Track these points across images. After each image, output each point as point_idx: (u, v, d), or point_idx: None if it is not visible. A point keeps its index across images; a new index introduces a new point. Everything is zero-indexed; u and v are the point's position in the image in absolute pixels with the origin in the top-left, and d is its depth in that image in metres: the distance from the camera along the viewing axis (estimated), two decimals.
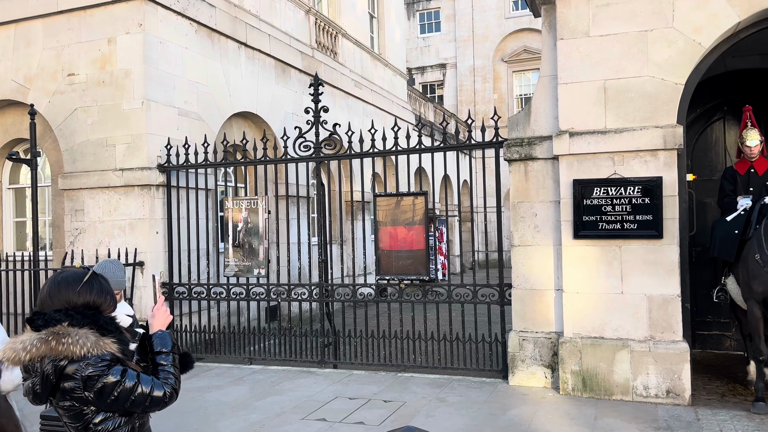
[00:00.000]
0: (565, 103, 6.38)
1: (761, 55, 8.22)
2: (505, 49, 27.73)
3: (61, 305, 2.21)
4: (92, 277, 2.30)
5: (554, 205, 6.49)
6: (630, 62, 6.16)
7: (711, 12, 5.94)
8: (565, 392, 6.29)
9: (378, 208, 7.62)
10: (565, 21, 6.42)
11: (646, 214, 6.05)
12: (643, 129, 6.08)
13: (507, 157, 6.70)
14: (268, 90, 11.39)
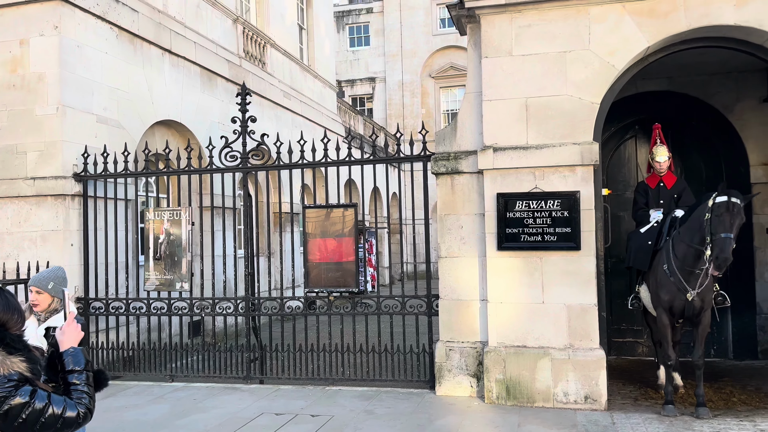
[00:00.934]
0: (490, 119, 6.59)
1: (668, 78, 8.82)
2: (432, 65, 28.35)
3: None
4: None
5: (479, 218, 6.67)
6: (550, 81, 6.45)
7: (623, 36, 6.31)
8: (490, 401, 6.44)
9: (307, 220, 7.56)
10: (489, 40, 6.65)
11: (565, 226, 6.32)
12: (562, 145, 6.36)
13: (434, 170, 6.83)
14: (193, 98, 11.11)
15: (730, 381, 7.30)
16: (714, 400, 6.42)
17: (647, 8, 6.23)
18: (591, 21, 6.37)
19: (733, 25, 6.03)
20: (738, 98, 8.69)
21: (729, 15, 6.00)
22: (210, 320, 9.55)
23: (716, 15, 6.05)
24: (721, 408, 6.20)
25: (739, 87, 8.64)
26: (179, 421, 6.21)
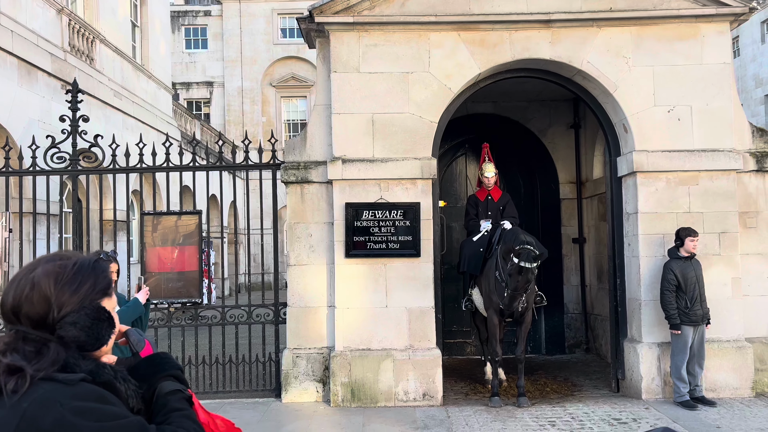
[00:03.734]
0: (339, 132, 6.83)
1: (493, 102, 9.78)
2: (273, 74, 28.17)
3: None
4: None
5: (328, 227, 6.86)
6: (394, 99, 6.86)
7: (458, 62, 6.93)
8: (336, 404, 6.62)
9: (146, 227, 7.19)
10: (338, 55, 6.90)
11: (407, 235, 6.75)
12: (404, 160, 6.80)
13: (284, 179, 6.90)
14: (8, 92, 9.97)
15: (544, 374, 8.26)
16: (531, 390, 7.23)
17: (479, 38, 6.92)
18: (431, 46, 6.91)
19: (548, 59, 6.91)
20: (550, 124, 9.91)
21: (545, 50, 6.88)
22: None
23: (535, 49, 6.90)
24: (537, 397, 7.00)
25: (552, 114, 9.86)
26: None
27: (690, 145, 6.81)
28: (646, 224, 6.77)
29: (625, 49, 6.87)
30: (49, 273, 1.35)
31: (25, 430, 1.20)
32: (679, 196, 6.79)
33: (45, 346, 1.29)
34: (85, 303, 1.36)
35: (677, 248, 6.48)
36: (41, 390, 1.23)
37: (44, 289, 1.33)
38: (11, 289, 1.36)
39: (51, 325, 1.32)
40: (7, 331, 1.35)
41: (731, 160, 6.79)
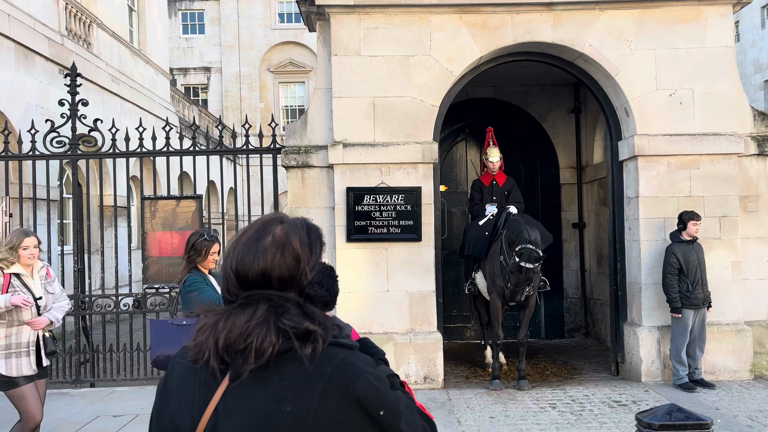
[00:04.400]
0: (339, 116, 6.80)
1: (494, 86, 9.74)
2: (271, 59, 28.00)
3: None
4: None
5: (329, 211, 6.86)
6: (395, 83, 6.82)
7: (459, 45, 6.89)
8: None
9: (146, 212, 7.18)
10: (338, 39, 6.85)
11: (408, 219, 6.74)
12: (406, 144, 6.78)
13: (285, 163, 6.88)
14: (6, 77, 9.91)
15: (544, 357, 8.31)
16: (531, 374, 7.27)
17: (480, 21, 6.87)
18: (432, 29, 6.86)
19: (550, 42, 6.87)
20: (551, 108, 9.88)
21: (547, 33, 6.84)
22: None
23: (537, 32, 6.85)
24: (537, 380, 7.05)
25: (552, 98, 9.83)
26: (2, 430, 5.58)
27: (692, 129, 6.79)
28: (647, 208, 6.78)
29: (627, 32, 6.83)
30: (293, 234, 1.32)
31: (334, 393, 1.20)
32: (680, 180, 6.79)
33: (304, 308, 1.29)
34: (318, 263, 1.37)
35: (679, 232, 6.49)
36: (341, 355, 1.24)
37: (296, 251, 1.30)
38: (251, 253, 1.30)
39: (299, 286, 1.31)
40: (241, 295, 1.31)
41: (733, 143, 6.79)
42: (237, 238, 1.36)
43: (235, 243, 1.35)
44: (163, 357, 3.88)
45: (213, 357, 1.24)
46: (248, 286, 1.29)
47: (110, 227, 10.52)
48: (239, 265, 1.30)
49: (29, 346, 4.35)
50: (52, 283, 4.61)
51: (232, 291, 1.31)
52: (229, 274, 1.31)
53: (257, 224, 1.36)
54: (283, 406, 1.20)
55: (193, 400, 1.28)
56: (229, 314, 1.26)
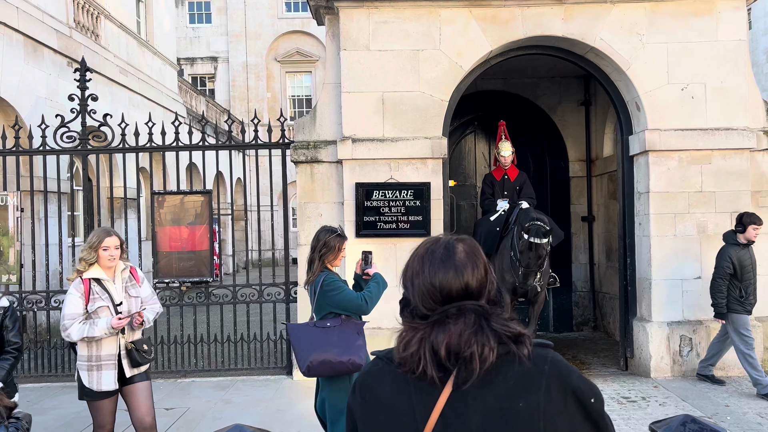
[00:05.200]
0: (348, 111, 6.78)
1: (503, 79, 9.68)
2: (278, 48, 27.91)
3: None
4: None
5: (338, 206, 6.86)
6: (404, 77, 6.79)
7: (469, 39, 6.84)
8: None
9: (157, 207, 7.21)
10: (348, 33, 6.82)
11: (417, 215, 6.74)
12: (415, 139, 6.75)
13: (294, 158, 6.88)
14: (15, 70, 9.92)
15: None
16: None
17: (491, 15, 6.81)
18: (441, 23, 6.81)
19: (561, 36, 6.81)
20: (560, 101, 9.81)
21: (558, 27, 6.78)
22: (43, 315, 8.72)
23: (548, 26, 6.79)
24: None
25: (562, 91, 9.76)
26: None
27: (703, 124, 6.74)
28: (658, 203, 6.74)
29: (639, 26, 6.76)
30: (477, 249, 1.48)
31: (554, 386, 1.34)
32: (691, 175, 6.75)
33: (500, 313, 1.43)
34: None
35: (735, 233, 6.16)
36: (549, 354, 1.39)
37: (484, 263, 1.46)
38: (451, 270, 1.41)
39: (489, 294, 1.44)
40: (439, 309, 1.39)
41: (745, 138, 6.73)
42: (422, 256, 1.46)
43: (423, 261, 1.45)
44: (317, 362, 3.64)
45: (431, 366, 1.33)
46: (450, 299, 1.40)
47: (119, 219, 10.57)
48: (442, 281, 1.40)
49: (111, 359, 4.02)
50: (137, 286, 4.17)
51: (429, 305, 1.40)
52: (430, 290, 1.40)
53: (437, 244, 1.47)
54: (516, 403, 1.32)
55: (412, 408, 1.35)
56: (440, 325, 1.35)
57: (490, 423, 1.32)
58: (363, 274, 4.08)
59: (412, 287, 1.43)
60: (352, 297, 3.81)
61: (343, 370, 3.65)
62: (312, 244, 3.96)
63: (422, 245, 1.49)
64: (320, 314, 3.85)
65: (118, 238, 4.05)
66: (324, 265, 3.89)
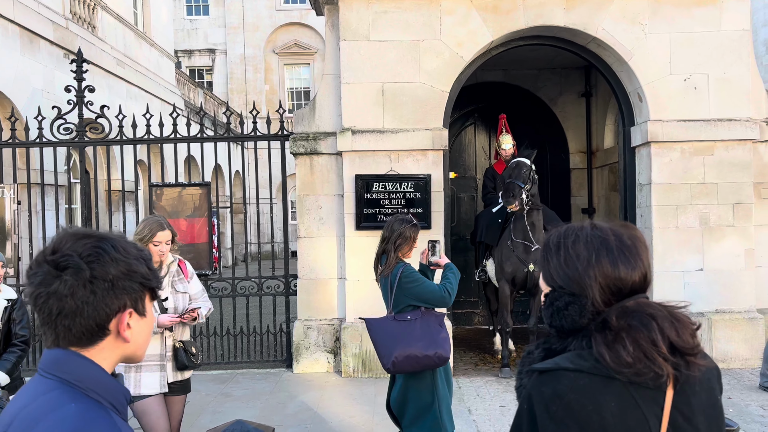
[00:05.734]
0: (348, 102, 6.72)
1: (503, 70, 9.61)
2: (276, 40, 27.76)
3: None
4: None
5: (338, 199, 6.81)
6: (405, 68, 6.73)
7: (471, 29, 6.77)
8: (347, 375, 6.67)
9: (155, 199, 7.15)
10: (347, 23, 6.74)
11: (417, 207, 6.69)
12: (415, 131, 6.70)
13: (293, 150, 6.82)
14: (11, 62, 9.84)
15: None
16: None
17: (492, 5, 6.74)
18: (442, 12, 6.74)
19: (562, 26, 6.75)
20: (561, 92, 9.74)
21: (560, 17, 6.71)
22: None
23: (549, 16, 6.72)
24: None
25: (562, 82, 9.69)
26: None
27: (706, 115, 6.68)
28: (660, 195, 6.70)
29: (642, 16, 6.69)
30: (639, 233, 1.42)
31: (717, 377, 1.38)
32: (693, 166, 6.70)
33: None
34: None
35: None
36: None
37: (647, 248, 1.42)
38: (629, 259, 1.31)
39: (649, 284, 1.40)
40: (616, 306, 1.29)
41: (748, 129, 6.68)
42: (588, 244, 1.31)
43: (595, 249, 1.29)
44: (402, 357, 3.50)
45: (665, 368, 1.21)
46: (631, 292, 1.29)
47: (117, 212, 10.52)
48: (625, 273, 1.28)
49: (155, 359, 3.58)
50: (185, 281, 3.76)
51: (607, 299, 1.28)
52: (613, 282, 1.27)
53: (610, 230, 1.33)
54: (717, 395, 1.33)
55: (643, 418, 1.22)
56: (638, 320, 1.24)
57: (710, 420, 1.28)
58: (429, 264, 3.91)
59: (586, 277, 1.27)
60: (434, 288, 3.66)
61: (429, 364, 3.52)
62: (384, 235, 3.81)
63: (569, 231, 1.34)
64: (398, 307, 3.70)
65: (171, 231, 3.66)
66: (398, 256, 3.75)
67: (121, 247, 1.20)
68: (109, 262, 1.17)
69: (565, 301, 1.29)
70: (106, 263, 1.16)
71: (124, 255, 1.19)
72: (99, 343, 1.18)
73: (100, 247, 1.18)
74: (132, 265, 1.20)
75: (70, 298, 1.13)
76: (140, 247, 1.27)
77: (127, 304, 1.19)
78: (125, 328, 1.19)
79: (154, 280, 1.25)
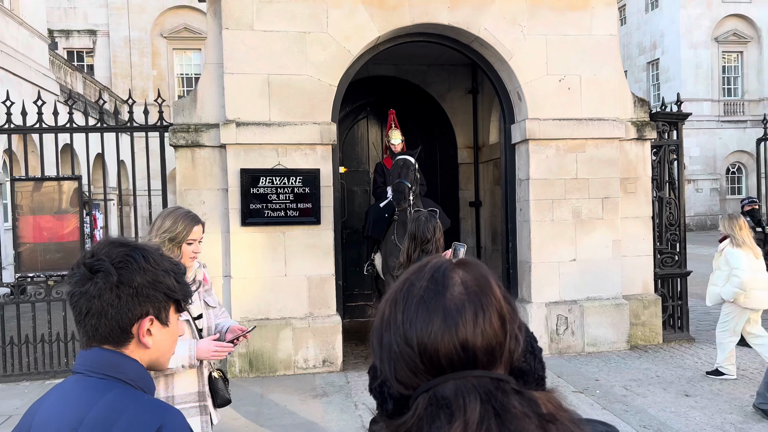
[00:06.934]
0: (232, 93, 6.48)
1: (394, 65, 9.69)
2: (164, 24, 26.38)
3: None
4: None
5: (222, 193, 6.57)
6: (291, 60, 6.59)
7: (357, 24, 6.74)
8: (233, 375, 6.48)
9: (17, 194, 6.55)
10: (230, 11, 6.49)
11: (306, 202, 6.60)
12: (303, 124, 6.59)
13: (173, 142, 6.49)
14: None
15: None
16: None
17: (378, 0, 6.74)
18: (328, 5, 6.66)
19: (447, 24, 6.88)
20: (450, 88, 9.98)
21: (444, 15, 6.84)
22: None
23: (434, 14, 6.83)
24: None
25: (451, 79, 9.93)
26: None
27: (579, 114, 7.09)
28: (537, 190, 7.04)
29: (521, 17, 6.97)
30: (490, 278, 0.93)
31: None
32: (567, 163, 7.09)
33: (524, 396, 0.91)
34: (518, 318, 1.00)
35: None
36: None
37: (500, 304, 0.92)
38: (437, 316, 0.87)
39: (510, 359, 0.91)
40: (424, 385, 0.86)
41: (615, 128, 7.16)
42: (395, 294, 0.91)
43: (395, 302, 0.90)
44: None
45: None
46: (439, 367, 0.85)
47: None
48: (422, 336, 0.85)
49: (192, 399, 2.72)
50: (211, 291, 3.04)
51: (407, 379, 0.86)
52: (405, 354, 0.86)
53: (422, 271, 0.91)
54: None
55: None
56: (429, 422, 0.82)
57: None
58: None
59: (380, 348, 0.89)
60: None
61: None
62: (426, 237, 3.75)
63: (404, 273, 0.93)
64: None
65: (202, 225, 2.93)
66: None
67: (152, 258, 1.29)
68: (136, 270, 1.26)
69: (372, 377, 0.96)
70: (133, 271, 1.25)
71: (153, 265, 1.29)
72: (127, 344, 1.28)
73: (131, 256, 1.27)
74: (159, 276, 1.29)
75: (98, 299, 1.23)
76: (175, 262, 1.36)
77: (149, 311, 1.28)
78: (144, 334, 1.28)
79: (180, 293, 1.33)
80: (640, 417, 5.20)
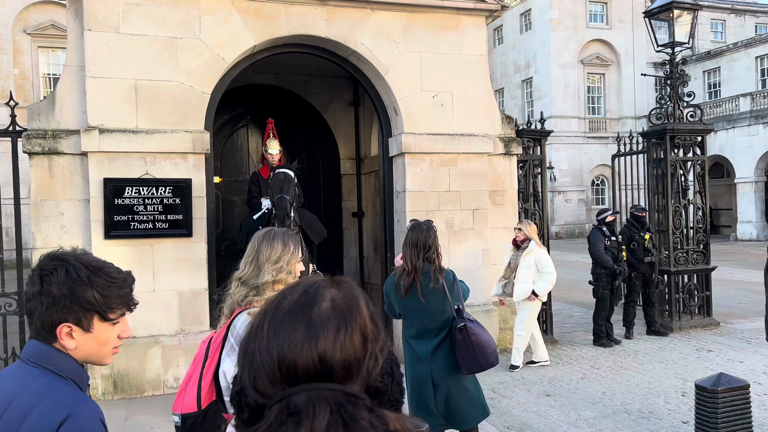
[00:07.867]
0: (94, 98, 6.11)
1: (275, 74, 9.60)
2: (28, 19, 24.35)
3: None
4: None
5: (84, 204, 6.16)
6: (161, 65, 6.33)
7: (232, 32, 6.61)
8: (96, 399, 6.07)
9: None
10: (93, 11, 6.14)
11: (177, 214, 6.34)
12: (174, 132, 6.34)
13: (27, 149, 6.00)
14: None
15: None
16: None
17: (254, 9, 6.66)
18: (201, 11, 6.48)
19: (324, 37, 6.93)
20: (332, 99, 10.05)
21: (321, 28, 6.88)
22: None
23: (312, 26, 6.86)
24: None
25: (333, 90, 10.00)
26: None
27: (451, 130, 7.39)
28: (413, 202, 7.24)
29: (396, 34, 7.17)
30: (359, 298, 0.96)
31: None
32: (441, 176, 7.37)
33: (375, 412, 0.92)
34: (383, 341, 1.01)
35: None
36: None
37: (365, 323, 0.94)
38: (301, 329, 0.88)
39: (367, 377, 0.94)
40: (279, 394, 0.87)
41: (484, 144, 7.54)
42: (269, 304, 0.94)
43: (266, 312, 0.92)
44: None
45: None
46: (296, 379, 0.87)
47: None
48: (282, 347, 0.87)
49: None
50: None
51: (264, 388, 0.88)
52: (265, 363, 0.88)
53: (296, 287, 0.95)
54: None
55: None
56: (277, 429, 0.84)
57: None
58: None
59: (243, 356, 0.91)
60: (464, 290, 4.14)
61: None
62: (427, 244, 3.85)
63: (282, 288, 0.99)
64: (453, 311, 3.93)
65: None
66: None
67: (75, 273, 1.44)
68: (54, 283, 1.43)
69: (246, 382, 0.99)
70: (51, 283, 1.43)
71: (71, 280, 1.43)
72: (54, 342, 1.45)
73: (55, 269, 1.44)
74: (76, 290, 1.43)
75: (29, 302, 1.45)
76: (114, 276, 1.50)
77: (67, 319, 1.43)
78: (63, 337, 1.44)
79: (99, 305, 1.45)
80: (504, 418, 5.49)
